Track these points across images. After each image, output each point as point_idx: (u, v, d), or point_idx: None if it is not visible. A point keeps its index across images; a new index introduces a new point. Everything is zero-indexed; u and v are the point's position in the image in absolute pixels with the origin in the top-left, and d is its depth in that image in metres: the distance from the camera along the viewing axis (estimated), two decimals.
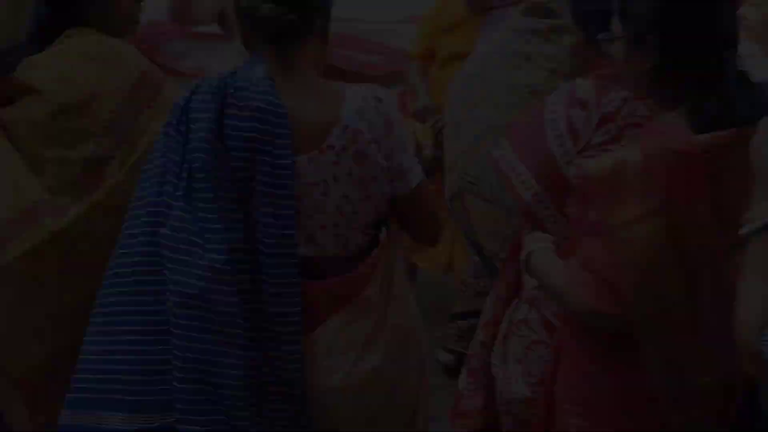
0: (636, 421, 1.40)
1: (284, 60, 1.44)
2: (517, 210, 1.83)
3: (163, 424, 1.42)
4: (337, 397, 1.47)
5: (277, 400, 1.46)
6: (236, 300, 1.36)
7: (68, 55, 1.72)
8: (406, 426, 1.62)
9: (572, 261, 1.40)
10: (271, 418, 1.47)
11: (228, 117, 1.36)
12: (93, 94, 1.68)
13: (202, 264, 1.33)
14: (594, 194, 1.32)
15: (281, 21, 1.38)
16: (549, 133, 1.75)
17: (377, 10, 3.48)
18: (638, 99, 1.45)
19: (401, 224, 1.59)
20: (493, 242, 2.17)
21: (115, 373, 1.41)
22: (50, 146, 1.69)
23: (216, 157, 1.36)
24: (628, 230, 1.26)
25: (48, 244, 1.67)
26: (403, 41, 3.42)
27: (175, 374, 1.37)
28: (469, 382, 2.18)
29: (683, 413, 1.34)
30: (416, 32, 3.17)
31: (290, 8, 1.38)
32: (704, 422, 1.35)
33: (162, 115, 1.72)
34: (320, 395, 1.47)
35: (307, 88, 1.45)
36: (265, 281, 1.39)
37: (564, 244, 1.52)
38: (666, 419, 1.35)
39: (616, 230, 1.27)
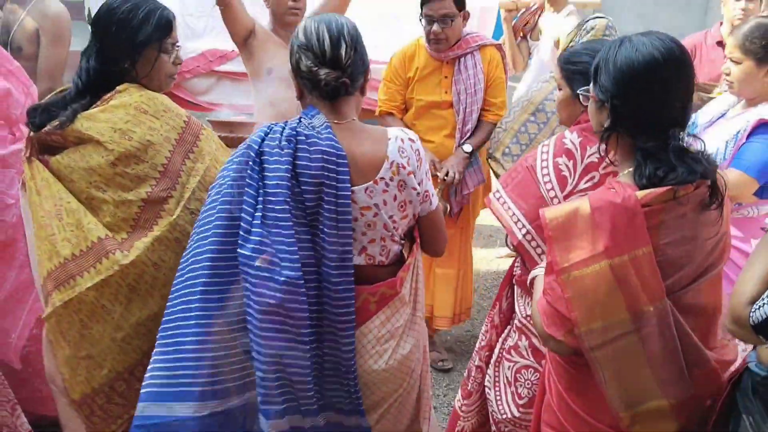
0: None
1: (337, 111, 1.72)
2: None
3: (227, 408, 1.69)
4: (381, 377, 1.77)
5: (335, 382, 1.74)
6: (306, 307, 1.63)
7: (124, 109, 1.87)
8: (416, 401, 1.93)
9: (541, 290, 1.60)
10: (330, 396, 1.75)
11: (300, 159, 1.64)
12: (148, 143, 1.87)
13: (280, 279, 1.59)
14: (550, 237, 1.49)
15: (336, 83, 1.65)
16: (540, 179, 1.94)
17: (383, 50, 3.49)
18: None
19: (420, 238, 1.90)
20: None
21: (183, 369, 1.64)
22: (107, 190, 1.85)
23: (292, 192, 1.62)
24: (576, 269, 1.45)
25: (117, 276, 1.83)
26: None
27: (257, 366, 1.63)
28: (464, 403, 2.34)
29: None
30: (383, 91, 3.21)
31: (343, 72, 1.66)
32: None
33: (202, 157, 1.97)
34: (369, 376, 1.76)
35: (357, 132, 1.73)
36: (328, 288, 1.66)
37: None
38: None
39: (567, 269, 1.46)
